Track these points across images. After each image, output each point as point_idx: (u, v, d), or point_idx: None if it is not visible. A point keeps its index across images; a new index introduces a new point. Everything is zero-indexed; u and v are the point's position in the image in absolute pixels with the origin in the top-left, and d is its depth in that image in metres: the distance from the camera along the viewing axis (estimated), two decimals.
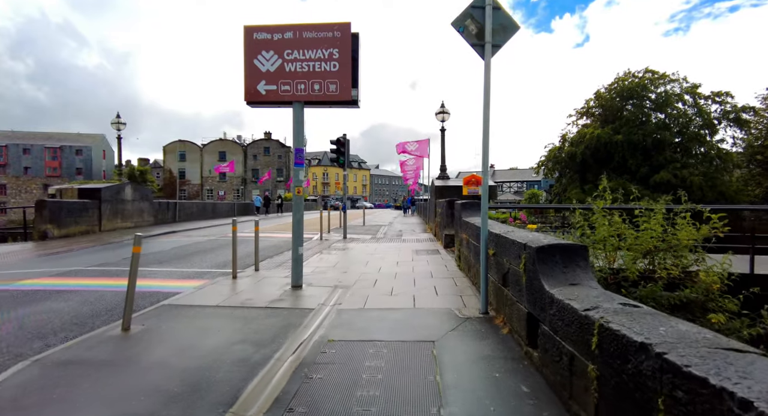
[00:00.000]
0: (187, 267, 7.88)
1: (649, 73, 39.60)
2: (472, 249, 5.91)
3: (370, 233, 14.93)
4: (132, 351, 3.43)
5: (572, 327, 2.37)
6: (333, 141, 12.64)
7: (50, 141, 64.06)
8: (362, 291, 5.61)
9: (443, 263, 7.78)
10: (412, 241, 11.91)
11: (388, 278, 6.49)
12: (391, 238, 12.90)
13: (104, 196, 14.51)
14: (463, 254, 6.87)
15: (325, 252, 9.63)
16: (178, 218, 19.93)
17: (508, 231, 4.29)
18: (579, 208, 6.51)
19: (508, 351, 3.42)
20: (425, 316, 4.44)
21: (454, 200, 9.45)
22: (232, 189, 60.75)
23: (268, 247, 10.83)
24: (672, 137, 37.96)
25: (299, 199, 5.94)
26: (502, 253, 4.09)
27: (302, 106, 5.90)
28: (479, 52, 4.52)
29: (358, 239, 12.50)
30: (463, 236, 6.71)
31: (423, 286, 5.84)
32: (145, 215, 17.18)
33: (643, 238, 5.76)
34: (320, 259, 8.59)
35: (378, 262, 8.07)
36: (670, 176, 35.30)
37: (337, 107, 6.07)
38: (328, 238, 12.91)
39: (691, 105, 38.23)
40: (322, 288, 5.81)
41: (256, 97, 5.90)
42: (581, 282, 2.91)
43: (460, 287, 5.73)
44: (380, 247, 10.55)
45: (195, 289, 5.78)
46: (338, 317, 4.45)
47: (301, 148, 5.93)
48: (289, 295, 5.44)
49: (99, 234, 13.67)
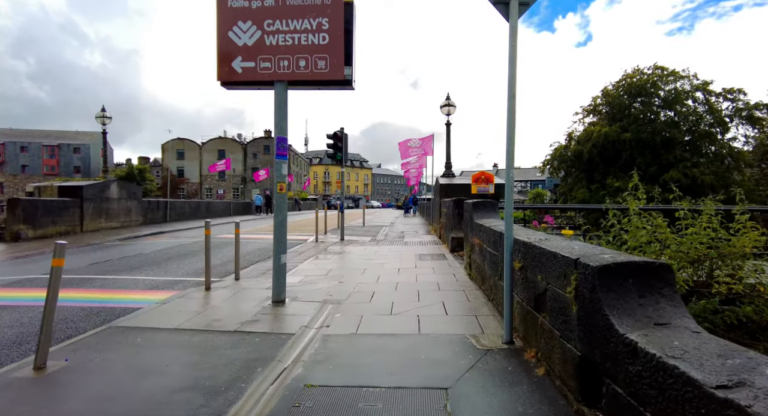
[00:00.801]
0: (160, 275, 6.96)
1: (658, 70, 38.48)
2: (487, 257, 4.97)
3: (370, 234, 13.99)
4: (30, 405, 2.49)
5: (689, 410, 1.42)
6: (329, 135, 11.71)
7: (48, 139, 63.29)
8: (356, 308, 4.66)
9: (451, 272, 6.83)
10: (415, 244, 10.96)
11: (387, 290, 5.55)
12: (392, 240, 11.95)
13: (86, 194, 13.61)
14: (474, 261, 5.92)
15: (319, 257, 8.69)
16: (169, 218, 19.03)
17: (541, 239, 3.34)
18: (613, 208, 5.53)
19: (550, 405, 2.47)
20: (434, 346, 3.49)
21: (462, 199, 8.50)
22: (232, 188, 59.86)
23: (255, 251, 9.90)
24: (682, 135, 36.91)
25: (282, 198, 4.99)
26: (535, 268, 3.14)
27: (285, 86, 4.96)
28: (503, 12, 3.57)
29: (356, 242, 11.56)
30: (475, 241, 5.75)
31: (429, 301, 4.89)
32: (133, 215, 16.27)
33: (687, 244, 4.79)
34: (312, 265, 7.65)
35: (377, 269, 7.12)
36: (680, 176, 34.24)
37: (327, 88, 5.13)
38: (324, 240, 11.97)
39: (702, 102, 37.15)
40: (309, 304, 4.87)
41: (231, 77, 4.96)
42: (672, 321, 1.96)
43: (474, 304, 4.78)
44: (380, 251, 9.60)
45: (158, 304, 4.84)
46: (323, 346, 3.51)
47: (284, 137, 4.99)
48: (268, 313, 4.50)
49: (80, 235, 12.77)
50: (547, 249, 2.90)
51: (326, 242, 11.63)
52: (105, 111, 14.90)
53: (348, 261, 8.22)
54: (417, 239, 12.33)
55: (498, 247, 4.40)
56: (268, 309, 4.65)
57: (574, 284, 2.41)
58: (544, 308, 2.97)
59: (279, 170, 4.97)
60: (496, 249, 4.51)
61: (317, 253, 9.26)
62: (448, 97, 13.10)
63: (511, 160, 3.55)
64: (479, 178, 8.86)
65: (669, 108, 38.23)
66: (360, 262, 8.00)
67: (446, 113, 13.06)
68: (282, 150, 4.97)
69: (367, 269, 7.16)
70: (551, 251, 2.83)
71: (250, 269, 7.28)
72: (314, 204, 49.40)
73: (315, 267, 7.40)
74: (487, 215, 5.95)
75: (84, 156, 64.13)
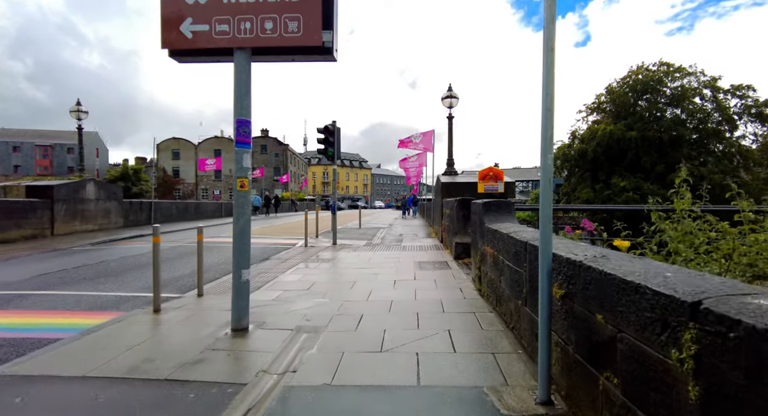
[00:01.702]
0: (112, 289, 5.90)
1: (664, 66, 37.44)
2: (505, 272, 3.91)
3: (366, 237, 12.93)
4: None
5: None
6: (320, 129, 10.65)
7: (41, 139, 62.23)
8: (337, 340, 3.61)
9: (456, 285, 5.78)
10: (414, 249, 9.91)
11: (380, 311, 4.49)
12: (389, 245, 10.89)
13: (58, 195, 12.55)
14: (486, 275, 4.86)
15: (304, 265, 7.64)
16: (154, 220, 17.96)
17: (596, 257, 2.28)
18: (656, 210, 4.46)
19: None
20: (438, 409, 2.43)
21: (468, 199, 7.45)
22: (228, 189, 58.79)
23: None
24: (690, 133, 35.86)
25: (243, 197, 3.94)
26: (591, 301, 2.09)
27: (248, 56, 3.91)
28: None
29: (349, 247, 10.50)
30: (487, 250, 4.70)
31: (431, 329, 3.84)
32: (113, 217, 15.21)
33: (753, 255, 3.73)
34: (295, 276, 6.60)
35: (369, 282, 6.07)
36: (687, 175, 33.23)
37: (302, 58, 4.07)
38: (314, 245, 10.91)
39: (710, 99, 36.09)
40: (278, 333, 3.81)
41: (179, 44, 3.91)
42: None
43: (489, 334, 3.72)
44: (375, 257, 8.54)
45: (84, 333, 3.79)
46: (282, 408, 2.46)
47: (246, 119, 3.94)
48: (221, 348, 3.44)
49: (48, 239, 11.71)
50: (617, 276, 1.85)
51: (316, 246, 10.57)
52: (80, 105, 13.85)
53: (337, 271, 7.17)
54: (416, 243, 11.27)
55: (521, 261, 3.35)
56: (223, 341, 3.60)
57: (693, 351, 1.35)
58: (611, 365, 1.92)
59: (240, 161, 3.92)
60: (518, 263, 3.46)
61: (303, 260, 8.20)
62: (450, 89, 12.05)
63: (548, 150, 2.50)
64: (487, 175, 7.81)
65: (675, 105, 37.20)
66: (350, 272, 6.95)
67: (448, 106, 12.01)
68: (243, 136, 3.91)
69: (358, 281, 6.10)
70: (626, 279, 1.77)
71: (222, 280, 6.23)
72: (312, 205, 48.34)
73: (297, 279, 6.34)
74: (501, 218, 4.90)
75: (78, 156, 63.02)
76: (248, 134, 3.95)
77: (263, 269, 7.11)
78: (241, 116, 3.89)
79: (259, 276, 6.50)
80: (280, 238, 12.85)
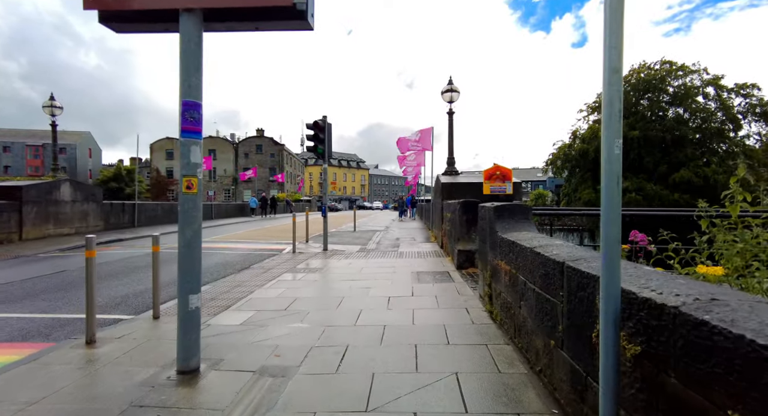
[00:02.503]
0: (54, 308, 5.02)
1: (666, 65, 36.70)
2: (528, 296, 3.05)
3: (360, 242, 12.06)
4: None
5: None
6: (309, 124, 9.79)
7: (33, 139, 61.06)
8: (309, 390, 2.74)
9: (461, 303, 4.92)
10: (412, 256, 9.04)
11: (368, 341, 3.63)
12: (384, 250, 10.02)
13: (27, 196, 11.63)
14: (500, 296, 4.00)
15: (288, 276, 6.77)
16: (137, 222, 17.02)
17: (698, 302, 1.42)
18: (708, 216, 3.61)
19: None
20: None
21: (472, 201, 6.60)
22: (223, 189, 57.81)
23: (215, 266, 7.97)
24: (692, 133, 35.16)
25: (190, 202, 3.06)
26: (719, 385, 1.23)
27: (199, 21, 3.04)
28: None
29: (341, 253, 9.63)
30: (501, 266, 3.84)
31: (434, 373, 2.97)
32: (91, 219, 14.29)
33: None
34: (273, 291, 5.72)
35: (359, 299, 5.20)
36: (691, 175, 32.58)
37: (268, 26, 3.20)
38: (303, 250, 10.03)
39: (713, 98, 35.38)
40: (235, 377, 2.94)
41: (111, 4, 3.05)
42: None
43: (510, 381, 2.85)
44: (368, 266, 7.68)
45: None
46: None
47: (196, 102, 3.07)
48: (153, 404, 2.57)
49: (15, 245, 10.79)
50: None
51: (305, 252, 9.70)
52: (54, 100, 12.94)
53: (323, 284, 6.30)
54: (414, 248, 10.41)
55: (554, 287, 2.49)
56: (160, 392, 2.72)
57: None
58: None
59: (187, 155, 3.04)
60: (549, 290, 2.60)
61: (288, 270, 7.33)
62: (451, 82, 11.20)
63: (615, 114, 1.64)
64: (493, 174, 6.96)
65: (678, 104, 36.49)
66: (339, 286, 6.08)
67: (448, 100, 11.16)
68: (192, 123, 3.04)
69: (347, 298, 5.23)
70: None
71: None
72: (308, 206, 47.41)
73: (276, 294, 5.47)
74: (517, 225, 4.05)
75: (70, 157, 61.89)
76: (198, 121, 3.08)
77: (239, 282, 6.23)
78: (189, 98, 3.02)
79: (231, 291, 5.63)
80: (268, 243, 11.97)
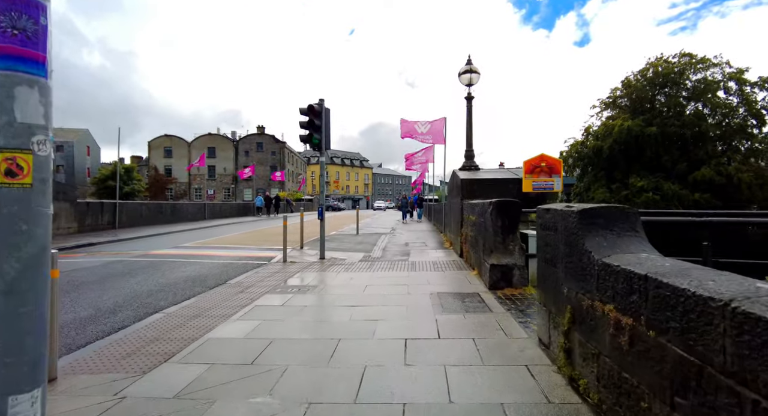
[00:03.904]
0: None
1: (685, 58, 34.91)
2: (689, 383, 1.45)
3: (363, 247, 10.47)
4: None
5: None
6: (303, 109, 8.20)
7: None
8: None
9: (516, 354, 3.32)
10: (427, 267, 7.45)
11: None
12: (392, 259, 8.43)
13: None
14: (596, 358, 2.39)
15: (268, 300, 5.18)
16: (119, 224, 15.48)
17: None
18: None
19: None
20: None
21: (511, 202, 5.00)
22: (223, 188, 56.36)
23: (183, 282, 6.40)
24: (713, 129, 33.40)
25: (15, 199, 1.48)
26: None
27: None
28: None
29: (341, 263, 8.05)
30: (602, 310, 2.23)
31: None
32: (63, 221, 12.78)
33: None
34: (243, 325, 4.14)
35: (362, 342, 3.62)
36: (712, 174, 30.76)
37: None
38: (296, 259, 8.45)
39: (735, 93, 33.56)
40: None
41: None
42: None
43: None
44: (374, 284, 6.09)
45: None
46: None
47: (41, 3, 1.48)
48: None
49: None
50: None
51: (298, 261, 8.13)
52: None
53: (313, 314, 4.70)
54: (427, 257, 8.81)
55: None
56: None
57: None
58: None
59: (9, 105, 1.46)
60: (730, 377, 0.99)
61: (270, 289, 5.75)
62: (470, 61, 9.59)
63: None
64: (536, 167, 5.35)
65: (697, 99, 34.69)
66: (334, 316, 4.50)
67: (467, 83, 9.55)
68: (14, 41, 1.45)
69: (344, 341, 3.64)
70: None
71: (115, 339, 3.80)
72: (310, 206, 45.87)
73: (243, 334, 3.88)
74: (622, 242, 2.44)
75: (67, 155, 60.54)
76: (35, 38, 1.50)
77: (201, 310, 4.65)
78: None
79: (185, 326, 4.06)
80: (258, 249, 10.37)
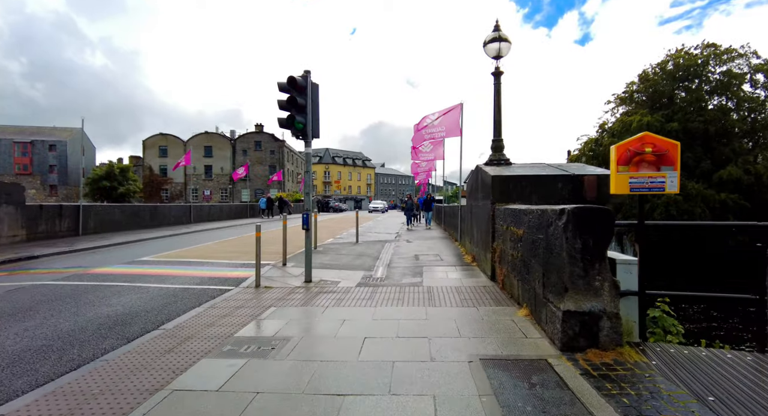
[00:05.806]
0: None
1: (709, 48, 32.66)
2: None
3: (363, 262, 8.40)
4: None
5: None
6: (282, 85, 6.15)
7: (21, 135, 57.99)
8: None
9: None
10: (450, 298, 5.38)
11: None
12: (400, 284, 6.38)
13: None
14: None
15: (206, 368, 3.11)
16: (84, 230, 13.44)
17: None
18: None
19: None
20: None
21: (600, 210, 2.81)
22: (219, 189, 54.39)
23: (92, 323, 4.31)
24: (739, 125, 31.21)
25: None
26: None
27: None
28: None
29: (332, 289, 6.00)
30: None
31: None
32: (6, 228, 10.76)
33: None
34: None
35: None
36: (740, 173, 28.48)
37: None
38: (275, 281, 6.40)
39: (763, 86, 31.33)
40: None
41: None
42: None
43: None
44: (375, 335, 4.03)
45: None
46: None
47: None
48: None
49: None
50: None
51: (276, 286, 6.09)
52: None
53: (270, 414, 2.65)
54: (447, 279, 6.75)
55: None
56: None
57: None
58: None
59: None
60: None
61: (218, 344, 3.69)
62: (497, 28, 7.53)
63: None
64: (637, 154, 3.32)
65: (720, 93, 32.48)
66: None
67: (494, 55, 7.47)
68: None
69: None
70: None
71: None
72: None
73: None
74: None
75: (60, 154, 58.77)
76: None
77: (70, 404, 2.61)
78: None
79: None
80: (229, 266, 8.22)
